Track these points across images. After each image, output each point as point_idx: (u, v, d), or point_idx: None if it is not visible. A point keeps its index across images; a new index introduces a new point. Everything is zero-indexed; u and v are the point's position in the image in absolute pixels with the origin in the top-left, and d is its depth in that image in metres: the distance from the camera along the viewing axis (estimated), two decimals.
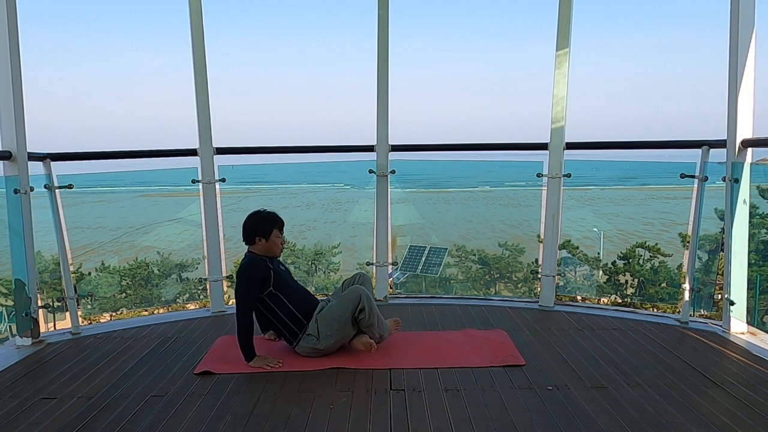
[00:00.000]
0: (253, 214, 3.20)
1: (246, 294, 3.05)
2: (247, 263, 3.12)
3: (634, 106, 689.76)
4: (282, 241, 3.23)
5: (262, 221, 3.17)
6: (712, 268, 5.77)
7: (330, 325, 3.06)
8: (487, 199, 15.26)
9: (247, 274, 3.07)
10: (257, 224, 3.16)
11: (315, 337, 3.08)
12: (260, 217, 3.19)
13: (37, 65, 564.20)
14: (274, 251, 3.20)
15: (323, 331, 3.07)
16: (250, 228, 3.17)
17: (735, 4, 3.21)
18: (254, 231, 3.15)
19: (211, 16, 3.92)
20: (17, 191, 3.34)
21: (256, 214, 3.20)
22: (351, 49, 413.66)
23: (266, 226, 3.16)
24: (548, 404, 2.53)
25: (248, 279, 3.06)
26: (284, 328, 3.12)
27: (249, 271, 3.08)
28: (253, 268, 3.08)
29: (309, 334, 3.09)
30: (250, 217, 3.20)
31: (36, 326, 3.50)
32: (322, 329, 3.07)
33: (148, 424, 2.40)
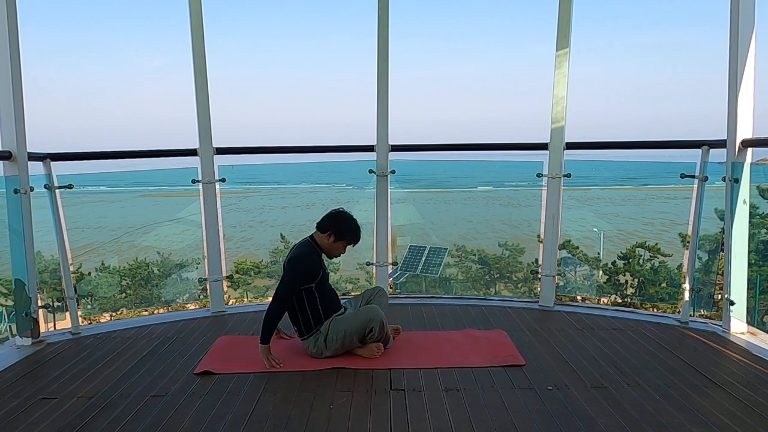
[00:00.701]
0: (345, 215, 3.21)
1: (295, 283, 3.07)
2: (307, 253, 3.12)
3: (634, 106, 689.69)
4: (342, 253, 3.24)
5: (346, 224, 3.19)
6: (712, 268, 5.77)
7: (338, 334, 3.08)
8: (487, 199, 15.26)
9: (305, 265, 3.08)
10: (341, 224, 3.18)
11: (323, 339, 3.09)
12: (347, 221, 3.20)
13: (37, 65, 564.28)
14: (331, 253, 3.22)
15: (331, 336, 3.08)
16: (333, 222, 3.17)
17: (735, 4, 3.21)
18: (334, 226, 3.16)
19: (211, 16, 3.92)
20: (17, 191, 3.34)
21: (348, 217, 3.20)
22: (351, 49, 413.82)
23: (346, 233, 3.18)
24: (548, 404, 2.53)
25: (305, 270, 3.08)
26: (303, 322, 3.13)
27: (307, 262, 3.09)
28: (311, 260, 3.10)
29: (320, 332, 3.11)
30: (340, 214, 3.20)
31: (36, 326, 3.50)
32: (330, 334, 3.09)
33: (148, 424, 2.40)
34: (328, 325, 3.10)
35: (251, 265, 11.70)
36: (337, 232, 3.16)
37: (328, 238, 3.17)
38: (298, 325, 3.16)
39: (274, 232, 13.13)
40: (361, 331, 3.06)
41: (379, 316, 3.08)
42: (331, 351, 3.10)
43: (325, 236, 3.17)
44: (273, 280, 12.05)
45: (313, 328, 3.12)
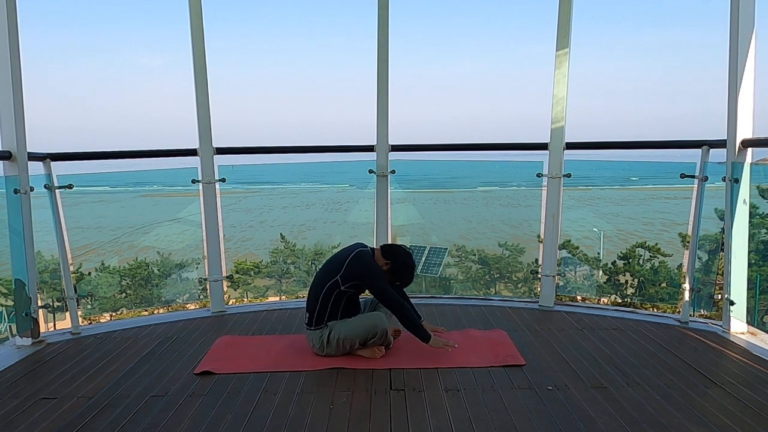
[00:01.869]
0: (409, 259, 3.22)
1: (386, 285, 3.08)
2: (375, 262, 3.15)
3: (635, 106, 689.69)
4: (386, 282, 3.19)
5: (406, 271, 3.22)
6: (712, 268, 5.76)
7: (341, 335, 3.08)
8: (487, 199, 15.25)
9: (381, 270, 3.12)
10: (402, 268, 3.20)
11: (327, 336, 3.09)
12: (408, 269, 3.22)
13: (37, 65, 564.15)
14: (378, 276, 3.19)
15: (334, 334, 3.09)
16: (397, 256, 3.19)
17: (735, 4, 3.21)
18: (395, 265, 3.19)
19: (211, 16, 3.92)
20: (17, 191, 3.34)
21: (410, 265, 3.22)
22: (351, 49, 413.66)
23: (401, 275, 3.22)
24: (548, 404, 2.53)
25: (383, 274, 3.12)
26: (318, 313, 3.12)
27: (379, 269, 3.13)
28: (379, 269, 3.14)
29: (326, 327, 3.11)
30: (407, 254, 3.22)
31: (36, 326, 3.50)
32: (334, 333, 3.09)
33: (148, 424, 2.40)
34: (335, 324, 3.10)
35: (251, 265, 11.69)
36: (395, 272, 3.20)
37: (385, 266, 3.19)
38: (311, 314, 3.15)
39: (274, 232, 13.12)
40: (364, 336, 3.07)
41: (383, 325, 3.09)
42: (332, 349, 3.10)
43: (383, 260, 3.19)
44: (273, 280, 12.04)
45: (322, 323, 3.12)
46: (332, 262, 3.18)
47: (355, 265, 3.10)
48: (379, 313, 3.17)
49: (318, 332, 3.13)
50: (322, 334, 3.12)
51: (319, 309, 3.13)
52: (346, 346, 3.10)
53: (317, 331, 3.14)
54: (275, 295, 11.38)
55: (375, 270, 3.11)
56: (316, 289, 3.16)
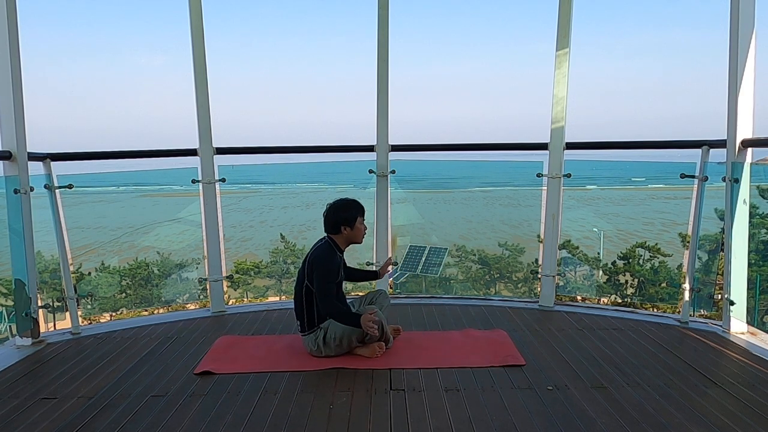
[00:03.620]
0: (335, 204, 3.20)
1: (330, 283, 3.06)
2: (328, 254, 3.12)
3: (635, 106, 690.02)
4: (365, 228, 3.23)
5: (346, 209, 3.17)
6: (712, 268, 5.77)
7: (337, 334, 3.07)
8: (487, 199, 15.26)
9: (329, 265, 3.09)
10: (342, 212, 3.16)
11: (323, 337, 3.09)
12: (344, 205, 3.18)
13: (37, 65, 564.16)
14: (357, 239, 3.23)
15: (330, 334, 3.08)
16: (334, 218, 3.17)
17: (735, 4, 3.21)
18: (340, 220, 3.15)
19: (211, 16, 3.92)
20: (17, 191, 3.34)
21: (339, 203, 3.19)
22: (351, 49, 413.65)
23: (351, 213, 3.17)
24: (548, 404, 2.53)
25: (329, 270, 3.08)
26: (307, 317, 3.12)
27: (331, 263, 3.10)
28: (334, 260, 3.12)
29: (320, 329, 3.10)
30: (333, 207, 3.19)
31: (36, 326, 3.50)
32: (330, 333, 3.08)
33: (148, 424, 2.40)
34: (328, 323, 3.10)
35: (251, 265, 11.70)
36: (346, 221, 3.16)
37: (345, 231, 3.17)
38: (301, 320, 3.16)
39: (274, 232, 13.14)
40: (361, 332, 3.06)
41: (378, 318, 3.08)
42: (331, 350, 3.10)
43: (341, 234, 3.18)
44: (273, 280, 12.05)
45: (315, 325, 3.12)
46: (302, 266, 3.17)
47: (312, 263, 3.09)
48: (372, 307, 3.17)
49: (312, 336, 3.12)
50: (316, 336, 3.11)
51: (306, 314, 3.13)
52: (344, 345, 3.09)
53: (311, 335, 3.13)
54: (275, 295, 11.38)
55: (323, 267, 3.07)
56: (297, 295, 3.17)
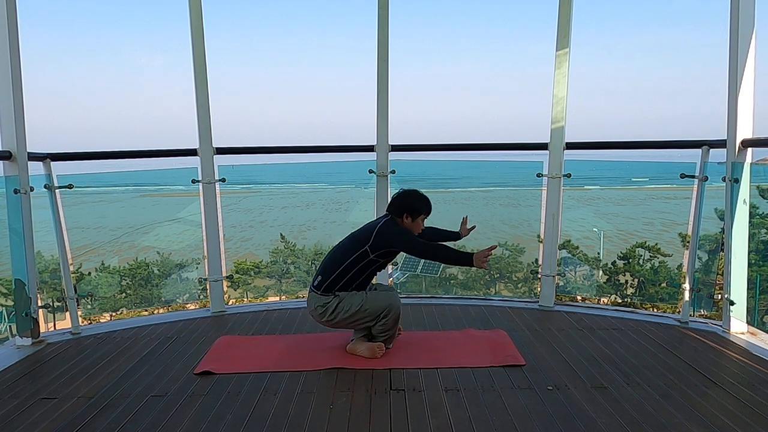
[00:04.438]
0: (409, 192, 3.23)
1: (413, 238, 3.10)
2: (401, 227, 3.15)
3: (635, 106, 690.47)
4: (421, 229, 3.26)
5: (415, 200, 3.20)
6: (712, 268, 5.77)
7: (354, 306, 3.08)
8: (487, 199, 15.25)
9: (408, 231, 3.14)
10: (411, 202, 3.19)
11: (336, 303, 3.08)
12: (415, 197, 3.21)
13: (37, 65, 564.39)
14: (413, 231, 3.23)
15: (346, 303, 3.08)
16: (402, 203, 3.20)
17: (735, 4, 3.21)
18: (406, 208, 3.18)
19: (212, 16, 3.92)
20: (17, 191, 3.34)
21: (413, 193, 3.22)
22: (352, 49, 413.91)
23: (418, 207, 3.20)
24: (548, 404, 2.53)
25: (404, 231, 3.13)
26: (334, 279, 3.10)
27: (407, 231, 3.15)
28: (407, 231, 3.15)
29: (337, 296, 3.10)
30: (405, 193, 3.23)
31: (36, 326, 3.50)
32: (346, 301, 3.08)
33: (148, 424, 2.40)
34: (345, 296, 3.09)
35: (251, 265, 11.70)
36: (412, 211, 3.18)
37: (406, 219, 3.18)
38: (325, 277, 3.12)
39: (274, 232, 13.13)
40: (377, 312, 3.06)
41: (398, 304, 3.11)
42: (335, 319, 3.09)
43: (402, 219, 3.19)
44: (273, 280, 12.04)
45: (332, 291, 3.10)
46: (359, 233, 3.17)
47: (384, 232, 3.09)
48: (395, 293, 3.17)
49: (325, 299, 3.10)
50: (329, 302, 3.08)
51: (337, 275, 3.10)
52: (356, 319, 3.09)
53: (324, 297, 3.10)
54: (275, 295, 11.38)
55: (404, 233, 3.11)
56: (341, 256, 3.12)
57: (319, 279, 3.15)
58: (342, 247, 3.19)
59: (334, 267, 3.12)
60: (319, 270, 3.19)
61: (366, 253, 3.08)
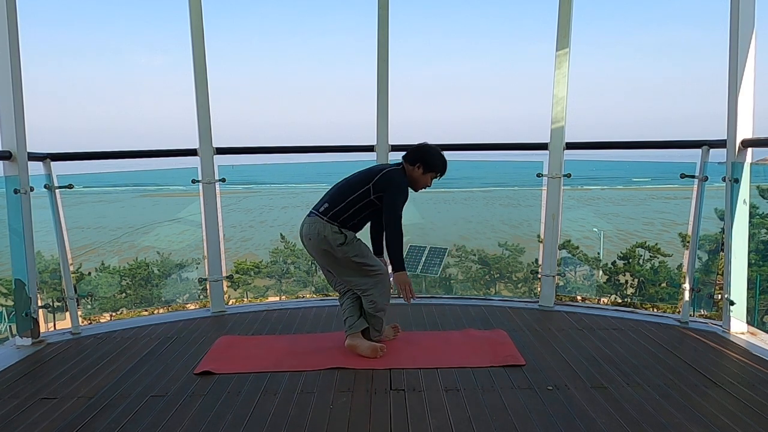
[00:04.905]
0: (431, 147, 3.23)
1: (401, 205, 3.10)
2: (404, 183, 3.15)
3: (635, 106, 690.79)
4: (428, 185, 3.26)
5: (434, 157, 3.21)
6: (712, 268, 5.77)
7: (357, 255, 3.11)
8: (487, 199, 15.25)
9: (405, 188, 3.14)
10: (429, 157, 3.20)
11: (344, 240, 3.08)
12: (435, 154, 3.22)
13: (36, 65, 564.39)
14: (418, 185, 3.24)
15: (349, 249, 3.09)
16: (421, 154, 3.19)
17: (735, 4, 3.21)
18: (423, 159, 3.18)
19: (212, 16, 3.92)
20: (17, 191, 3.34)
21: (434, 149, 3.23)
22: (352, 49, 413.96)
23: (434, 163, 3.20)
24: (548, 404, 2.53)
25: (404, 192, 3.13)
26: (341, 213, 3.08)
27: (406, 188, 3.15)
28: (406, 190, 3.16)
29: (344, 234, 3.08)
30: (428, 146, 3.23)
31: (36, 326, 3.50)
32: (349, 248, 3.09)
33: (148, 424, 2.40)
34: (353, 240, 3.11)
35: (251, 265, 11.70)
36: (426, 164, 3.18)
37: (417, 169, 3.18)
38: (332, 205, 3.09)
39: (274, 232, 13.12)
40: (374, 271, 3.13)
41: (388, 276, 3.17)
42: (338, 256, 3.09)
43: (413, 168, 3.19)
44: (273, 280, 12.04)
45: (338, 221, 3.08)
46: (368, 170, 3.17)
47: (387, 176, 3.09)
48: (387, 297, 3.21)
49: (331, 227, 3.06)
50: (336, 237, 3.06)
51: (343, 206, 3.08)
52: (349, 267, 3.11)
53: (332, 226, 3.07)
54: (275, 295, 11.38)
55: (401, 190, 3.11)
56: (346, 190, 3.12)
57: (326, 206, 3.10)
58: (351, 180, 3.17)
59: (341, 198, 3.10)
60: (326, 198, 3.15)
61: (368, 191, 3.08)
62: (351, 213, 3.10)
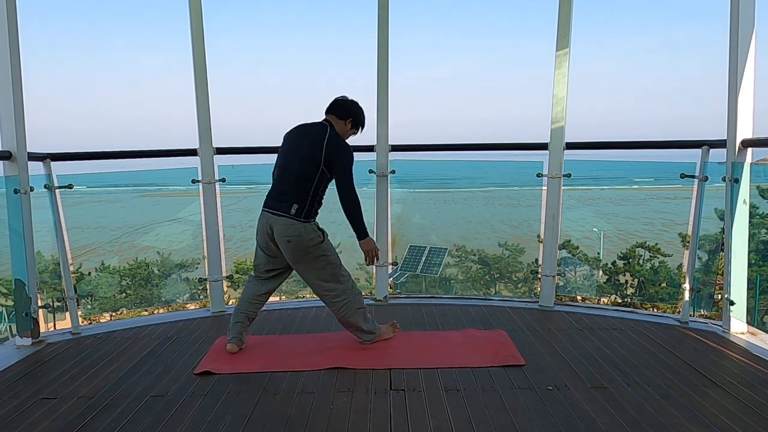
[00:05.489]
0: (356, 103, 3.24)
1: (352, 169, 3.07)
2: (347, 144, 3.14)
3: (634, 106, 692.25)
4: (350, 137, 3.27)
5: (362, 113, 3.23)
6: (712, 268, 5.76)
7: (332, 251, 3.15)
8: (487, 199, 15.24)
9: (352, 153, 3.11)
10: (359, 112, 3.22)
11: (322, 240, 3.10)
12: (362, 110, 3.24)
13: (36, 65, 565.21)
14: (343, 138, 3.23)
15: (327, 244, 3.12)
16: (352, 109, 3.20)
17: (735, 4, 3.21)
18: (354, 114, 3.19)
19: (212, 16, 3.92)
20: (17, 191, 3.34)
21: (359, 106, 3.24)
22: (352, 49, 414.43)
23: (362, 121, 3.24)
24: (548, 404, 2.53)
25: (352, 157, 3.10)
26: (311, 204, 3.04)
27: (352, 152, 3.12)
28: (352, 151, 3.13)
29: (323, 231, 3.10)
30: (354, 102, 3.23)
31: (36, 326, 3.50)
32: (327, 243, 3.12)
33: (148, 424, 2.40)
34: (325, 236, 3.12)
35: (251, 265, 11.68)
36: (356, 120, 3.20)
37: (347, 124, 3.18)
38: (300, 204, 3.02)
39: None
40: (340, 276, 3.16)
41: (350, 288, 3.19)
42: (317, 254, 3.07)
43: (344, 122, 3.17)
44: None
45: (313, 216, 3.08)
46: (304, 152, 3.05)
47: (331, 147, 3.03)
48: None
49: (311, 227, 3.04)
50: (317, 235, 3.06)
51: (310, 201, 3.04)
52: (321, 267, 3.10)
53: (309, 225, 3.04)
54: (275, 295, 11.36)
55: (348, 152, 3.08)
56: (303, 182, 3.03)
57: (296, 207, 3.01)
58: (299, 168, 3.05)
59: (304, 192, 3.02)
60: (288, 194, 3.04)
61: (323, 172, 3.03)
62: (318, 200, 3.08)
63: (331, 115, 3.18)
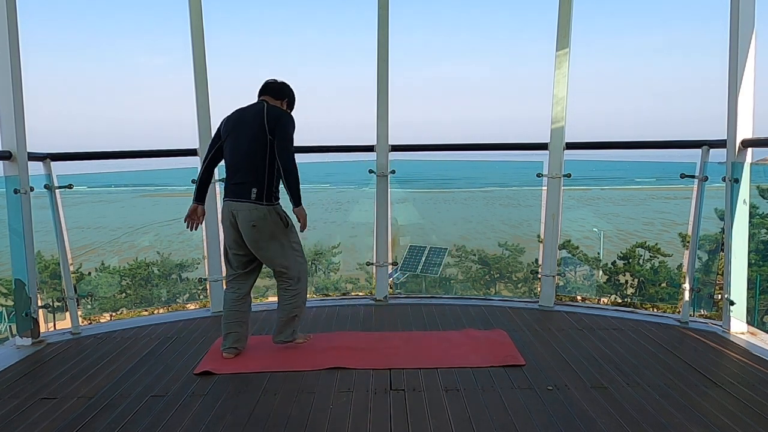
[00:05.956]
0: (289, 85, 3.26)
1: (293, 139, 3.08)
2: (287, 113, 3.15)
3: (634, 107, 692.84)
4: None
5: (293, 94, 3.27)
6: (712, 268, 5.76)
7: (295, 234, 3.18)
8: (487, 199, 15.22)
9: (294, 124, 3.11)
10: (293, 94, 3.26)
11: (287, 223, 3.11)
12: (293, 91, 3.27)
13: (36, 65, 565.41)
14: None
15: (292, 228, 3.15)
16: (288, 92, 3.23)
17: (735, 4, 3.21)
18: (290, 96, 3.23)
19: (212, 16, 3.92)
20: (17, 191, 3.34)
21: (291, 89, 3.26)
22: (352, 49, 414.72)
23: (294, 101, 3.27)
24: (548, 404, 2.53)
25: (294, 129, 3.11)
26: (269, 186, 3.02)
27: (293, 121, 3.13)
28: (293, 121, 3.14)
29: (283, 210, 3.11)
30: (288, 85, 3.25)
31: (36, 326, 3.50)
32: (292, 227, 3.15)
33: (148, 424, 2.40)
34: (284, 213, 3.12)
35: None
36: (291, 101, 3.24)
37: (283, 104, 3.20)
38: (260, 188, 3.00)
39: None
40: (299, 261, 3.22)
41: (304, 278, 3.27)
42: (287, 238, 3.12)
43: (279, 102, 3.18)
44: (273, 280, 12.03)
45: (275, 200, 3.08)
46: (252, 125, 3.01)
47: (275, 113, 3.04)
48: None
49: (274, 209, 3.04)
50: (281, 216, 3.07)
51: (268, 183, 3.01)
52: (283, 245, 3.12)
53: (273, 207, 3.05)
54: (275, 295, 11.36)
55: (291, 129, 3.07)
56: (258, 166, 2.99)
57: (255, 191, 2.99)
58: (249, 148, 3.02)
59: (260, 176, 3.00)
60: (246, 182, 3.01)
61: (273, 152, 3.00)
62: (275, 179, 3.06)
63: (266, 96, 3.18)
